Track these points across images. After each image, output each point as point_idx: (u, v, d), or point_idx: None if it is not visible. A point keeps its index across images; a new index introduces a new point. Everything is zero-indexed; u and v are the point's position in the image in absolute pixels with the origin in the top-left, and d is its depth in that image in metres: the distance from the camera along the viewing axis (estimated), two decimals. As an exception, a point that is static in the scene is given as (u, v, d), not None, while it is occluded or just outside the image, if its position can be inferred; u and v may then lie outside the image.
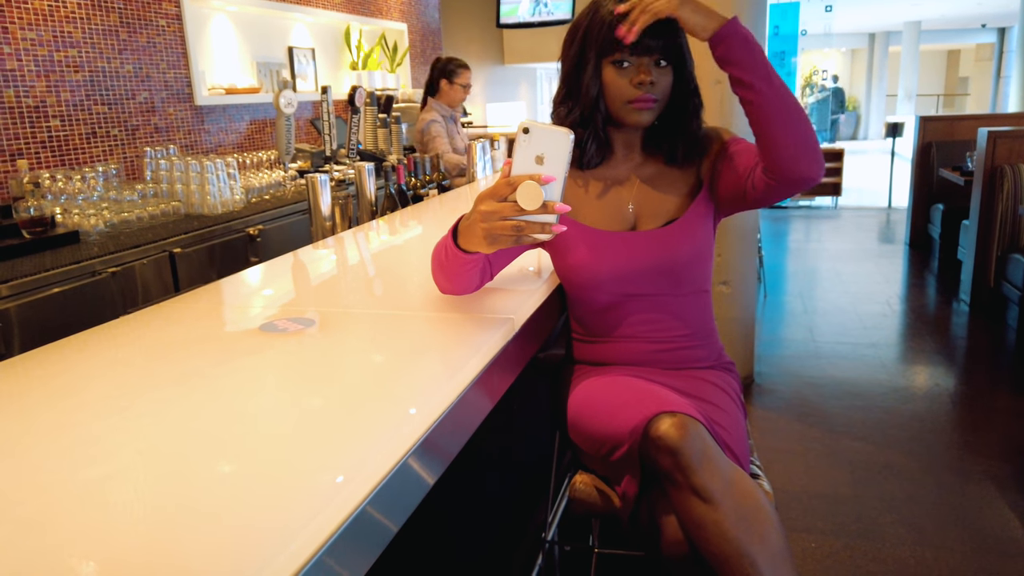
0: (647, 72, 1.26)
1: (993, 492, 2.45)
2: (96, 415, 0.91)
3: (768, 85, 1.19)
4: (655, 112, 1.30)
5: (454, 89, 3.95)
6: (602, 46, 1.27)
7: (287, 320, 1.18)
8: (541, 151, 0.97)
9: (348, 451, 0.79)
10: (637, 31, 1.19)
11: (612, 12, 1.25)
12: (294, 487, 0.72)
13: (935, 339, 3.97)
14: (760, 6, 3.11)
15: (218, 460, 0.78)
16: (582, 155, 1.36)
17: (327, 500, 0.69)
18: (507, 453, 2.01)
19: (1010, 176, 4.05)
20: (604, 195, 1.38)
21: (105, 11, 3.28)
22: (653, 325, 1.35)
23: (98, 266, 2.50)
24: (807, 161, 1.20)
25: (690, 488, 1.04)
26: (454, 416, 0.92)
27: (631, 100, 1.27)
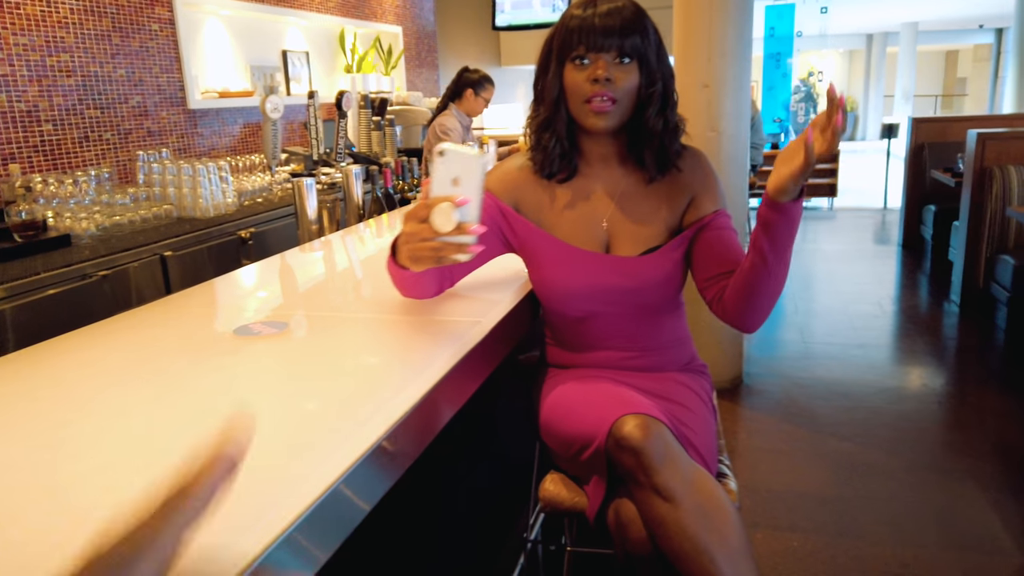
0: (604, 67, 1.24)
1: (975, 491, 2.47)
2: (65, 416, 0.94)
3: (777, 265, 1.20)
4: (615, 116, 1.27)
5: (477, 101, 4.10)
6: (561, 47, 1.28)
7: (261, 324, 1.21)
8: (456, 173, 0.99)
9: (318, 442, 0.81)
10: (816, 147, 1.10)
11: (573, 15, 1.27)
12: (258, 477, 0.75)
13: (924, 339, 3.99)
14: (746, 10, 3.14)
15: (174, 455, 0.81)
16: (548, 160, 1.34)
17: (293, 486, 0.72)
18: (492, 454, 2.03)
19: (999, 178, 4.07)
20: (577, 208, 1.36)
21: (98, 16, 3.31)
22: (624, 336, 1.36)
23: (89, 269, 2.52)
24: (753, 323, 1.29)
25: (652, 487, 1.07)
26: (418, 416, 0.95)
27: (587, 99, 1.26)
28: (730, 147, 3.17)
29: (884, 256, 5.92)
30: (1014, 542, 2.20)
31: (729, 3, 3.07)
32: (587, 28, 1.24)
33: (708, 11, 3.07)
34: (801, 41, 11.56)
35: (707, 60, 3.09)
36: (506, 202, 1.37)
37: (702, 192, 1.36)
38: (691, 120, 1.39)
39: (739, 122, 3.19)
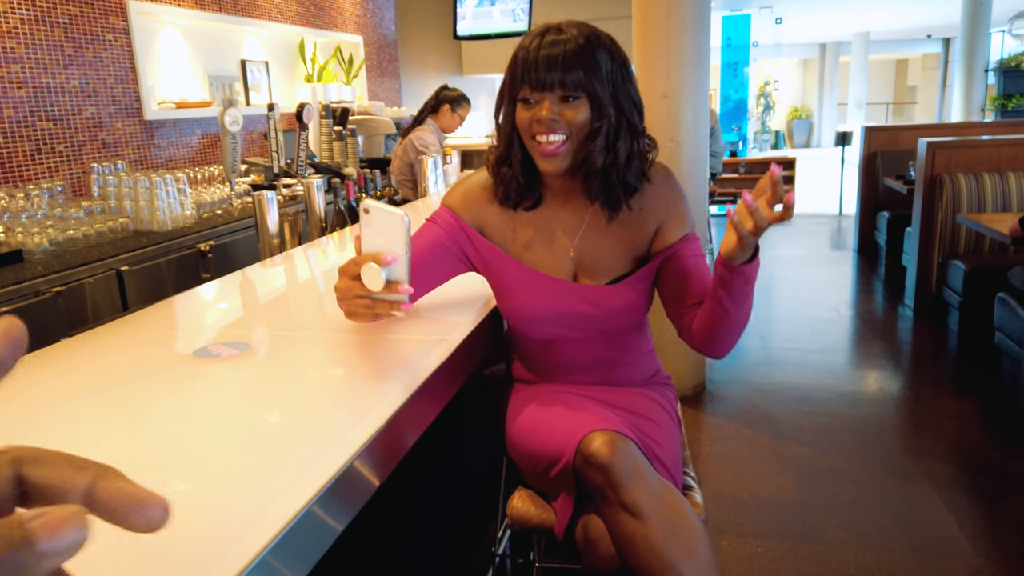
0: (547, 109, 1.18)
1: (931, 493, 2.54)
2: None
3: (737, 312, 1.24)
4: (567, 157, 1.22)
5: (453, 118, 4.19)
6: (510, 84, 1.24)
7: (221, 345, 1.19)
8: (382, 231, 0.98)
9: (281, 467, 0.80)
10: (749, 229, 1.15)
11: (521, 47, 1.22)
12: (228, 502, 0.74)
13: (880, 344, 4.08)
14: (704, 21, 3.19)
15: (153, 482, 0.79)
16: (508, 193, 1.31)
17: (263, 510, 0.72)
18: (459, 468, 2.03)
19: (949, 185, 4.19)
20: (543, 237, 1.33)
21: (49, 26, 3.23)
22: (589, 355, 1.36)
23: (42, 286, 2.46)
24: (720, 353, 1.32)
25: (620, 504, 1.07)
26: (386, 436, 0.94)
27: (534, 137, 1.22)
28: (689, 157, 3.22)
29: (840, 261, 6.05)
30: (970, 543, 2.26)
31: (687, 15, 3.11)
32: (530, 65, 1.19)
33: (666, 23, 3.11)
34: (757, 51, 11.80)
35: (666, 71, 3.14)
36: (470, 223, 1.35)
37: (669, 217, 1.33)
38: (651, 131, 1.36)
39: (698, 132, 3.23)
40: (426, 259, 1.29)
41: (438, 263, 1.31)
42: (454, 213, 1.35)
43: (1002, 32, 10.87)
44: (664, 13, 3.10)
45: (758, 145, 15.03)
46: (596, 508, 1.14)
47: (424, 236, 1.33)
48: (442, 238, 1.32)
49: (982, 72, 9.28)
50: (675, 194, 1.36)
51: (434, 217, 1.35)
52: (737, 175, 8.50)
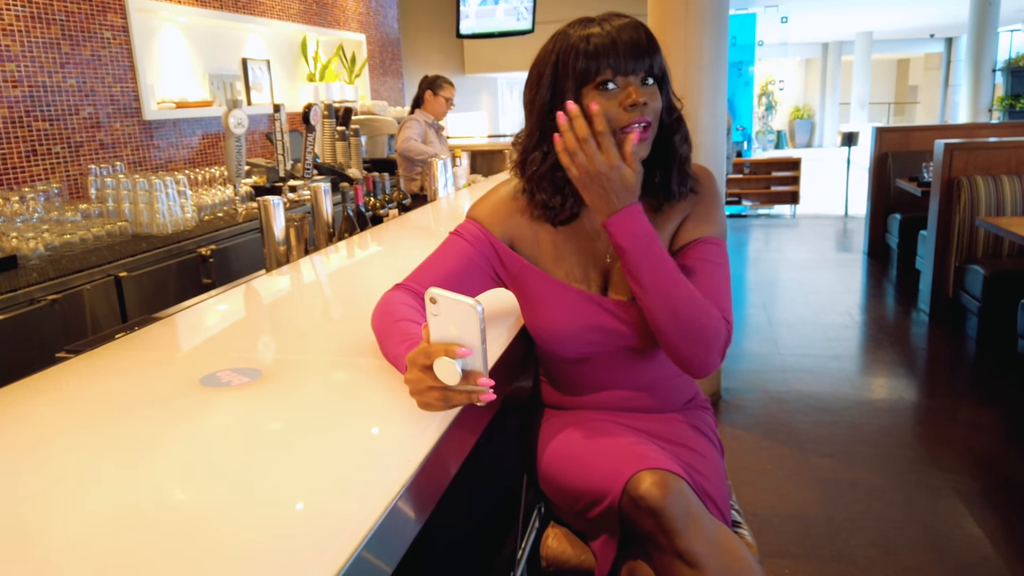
0: (638, 91, 1.09)
1: (961, 509, 2.45)
2: (20, 484, 0.82)
3: (642, 291, 1.12)
4: (650, 143, 1.14)
5: (437, 100, 4.24)
6: (582, 72, 1.11)
7: (230, 372, 1.09)
8: (452, 321, 0.87)
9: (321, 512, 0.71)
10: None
11: (587, 35, 1.11)
12: (258, 561, 0.64)
13: (896, 350, 3.99)
14: (721, 21, 3.09)
15: (150, 535, 0.70)
16: (554, 212, 1.21)
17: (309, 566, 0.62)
18: (473, 489, 1.93)
19: (967, 188, 4.10)
20: (577, 246, 1.24)
21: (46, 23, 3.12)
22: (621, 375, 1.26)
23: (37, 293, 2.36)
24: (698, 364, 1.16)
25: (674, 552, 0.98)
26: (427, 471, 0.85)
27: (624, 127, 1.10)
28: (707, 159, 3.12)
29: (850, 264, 5.96)
30: (1006, 564, 2.17)
31: (705, 15, 3.02)
32: (611, 49, 1.09)
33: (684, 22, 3.02)
34: (761, 50, 11.71)
35: (683, 72, 3.04)
36: (499, 236, 1.24)
37: (696, 213, 1.24)
38: None
39: (716, 133, 3.14)
40: (456, 276, 1.19)
41: (469, 280, 1.21)
42: (482, 227, 1.24)
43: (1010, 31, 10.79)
44: (682, 13, 3.01)
45: (761, 145, 14.95)
46: (642, 551, 1.05)
47: (452, 251, 1.23)
48: (472, 254, 1.21)
49: (990, 72, 9.19)
50: (711, 194, 1.26)
51: (461, 231, 1.25)
52: (742, 175, 8.41)
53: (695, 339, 1.13)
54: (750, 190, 8.40)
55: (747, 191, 8.40)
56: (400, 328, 1.06)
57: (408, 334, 1.04)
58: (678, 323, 1.12)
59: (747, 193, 8.39)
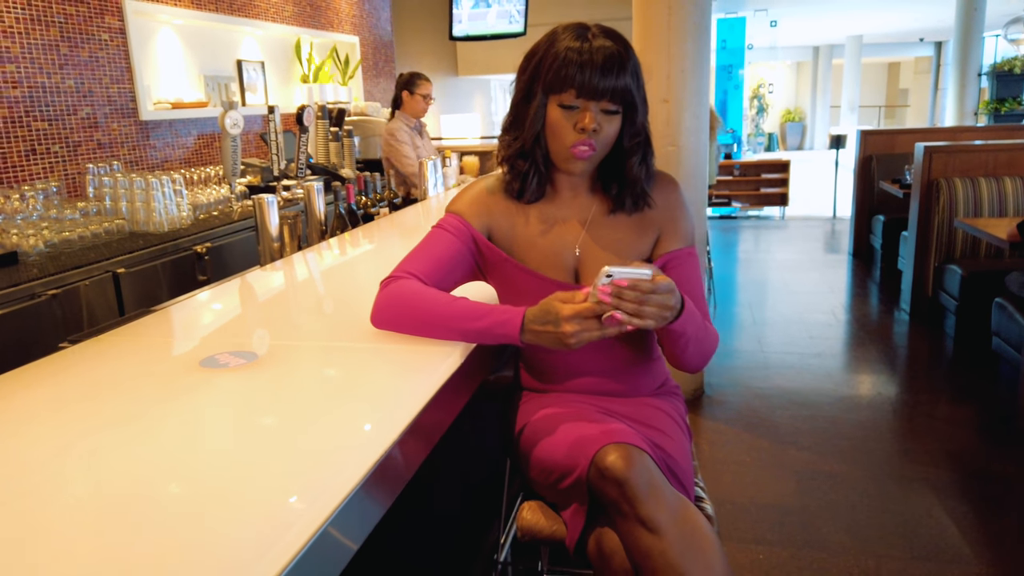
0: (592, 118, 1.21)
1: (932, 499, 2.54)
2: (30, 458, 0.89)
3: (683, 353, 1.28)
4: (592, 162, 1.27)
5: (415, 99, 4.16)
6: (551, 83, 1.22)
7: (228, 354, 1.17)
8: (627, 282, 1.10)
9: (294, 487, 0.79)
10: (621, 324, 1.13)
11: (568, 48, 1.21)
12: (238, 523, 0.72)
13: (877, 348, 4.09)
14: (705, 25, 3.18)
15: (157, 502, 0.78)
16: (524, 188, 1.33)
17: (285, 527, 0.71)
18: (459, 475, 2.01)
19: (946, 190, 4.20)
20: (547, 235, 1.34)
21: (45, 25, 3.19)
22: (597, 358, 1.35)
23: (38, 288, 2.43)
24: (695, 369, 1.34)
25: (636, 518, 1.06)
26: (397, 453, 0.93)
27: (570, 144, 1.24)
28: (690, 161, 3.21)
29: (835, 265, 6.07)
30: (972, 550, 2.26)
31: (687, 19, 3.11)
32: (581, 73, 1.19)
33: (667, 27, 3.10)
34: (751, 53, 11.83)
35: (667, 76, 3.13)
36: (478, 228, 1.34)
37: (670, 228, 1.36)
38: (652, 135, 1.37)
39: (699, 136, 3.23)
40: (444, 266, 1.29)
41: (455, 270, 1.32)
42: (463, 219, 1.34)
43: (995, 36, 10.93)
44: (664, 18, 3.09)
45: (752, 147, 15.08)
46: (609, 521, 1.13)
47: (438, 243, 1.32)
48: (457, 245, 1.31)
49: (975, 76, 9.32)
50: (678, 206, 1.38)
51: (444, 224, 1.34)
52: (732, 177, 8.51)
53: (705, 358, 1.33)
54: (740, 192, 8.51)
55: (737, 193, 8.50)
56: (465, 303, 1.22)
57: (486, 305, 1.21)
58: (700, 355, 1.30)
59: (737, 195, 8.50)
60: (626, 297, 1.09)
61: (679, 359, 1.31)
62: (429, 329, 1.23)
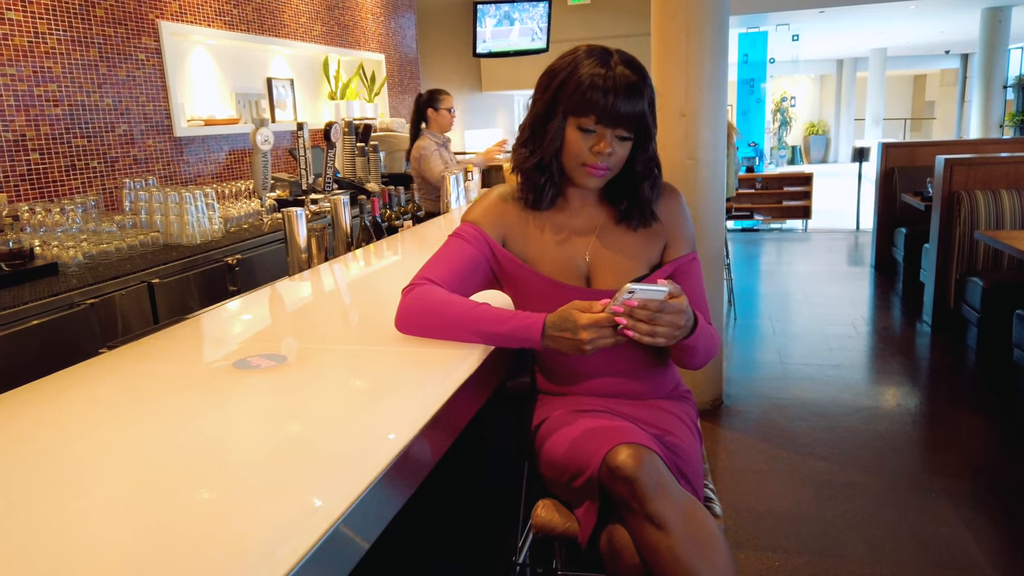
0: (607, 143, 1.29)
1: (949, 510, 2.55)
2: (75, 451, 0.97)
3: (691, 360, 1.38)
4: (604, 180, 1.35)
5: (440, 115, 4.24)
6: (574, 106, 1.29)
7: (260, 357, 1.25)
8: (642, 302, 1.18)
9: (320, 478, 0.85)
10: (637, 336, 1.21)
11: (593, 74, 1.27)
12: (267, 512, 0.78)
13: (898, 360, 4.09)
14: (722, 40, 3.24)
15: (195, 490, 0.84)
16: (539, 199, 1.40)
17: (302, 520, 0.76)
18: (481, 478, 2.07)
19: (967, 202, 4.21)
20: (559, 243, 1.41)
21: (85, 47, 3.34)
22: (610, 362, 1.41)
23: (77, 298, 2.53)
24: (699, 368, 1.42)
25: (645, 515, 1.12)
26: (420, 443, 0.99)
27: (585, 163, 1.32)
28: (707, 174, 3.26)
29: (858, 277, 6.05)
30: (987, 559, 2.27)
31: (706, 34, 3.17)
32: (604, 100, 1.26)
33: (685, 43, 3.17)
34: (774, 67, 11.84)
35: (684, 90, 3.19)
36: (494, 236, 1.41)
37: (675, 236, 1.44)
38: (669, 148, 1.45)
39: (716, 150, 3.28)
40: (462, 273, 1.36)
41: (473, 276, 1.39)
42: (479, 228, 1.41)
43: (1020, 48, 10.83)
44: (683, 34, 3.16)
45: (775, 161, 15.03)
46: (620, 518, 1.18)
47: (455, 251, 1.39)
48: (473, 253, 1.38)
49: (1001, 88, 9.26)
50: (682, 215, 1.46)
51: (461, 233, 1.41)
52: (754, 190, 8.52)
53: (708, 360, 1.41)
54: (762, 204, 8.51)
55: (759, 206, 8.51)
56: (487, 309, 1.30)
57: (507, 311, 1.29)
58: (705, 358, 1.39)
59: (759, 207, 8.50)
60: (639, 316, 1.18)
61: (684, 363, 1.40)
62: (453, 332, 1.30)
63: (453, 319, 1.29)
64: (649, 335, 1.20)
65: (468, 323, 1.28)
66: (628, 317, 1.19)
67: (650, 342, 1.21)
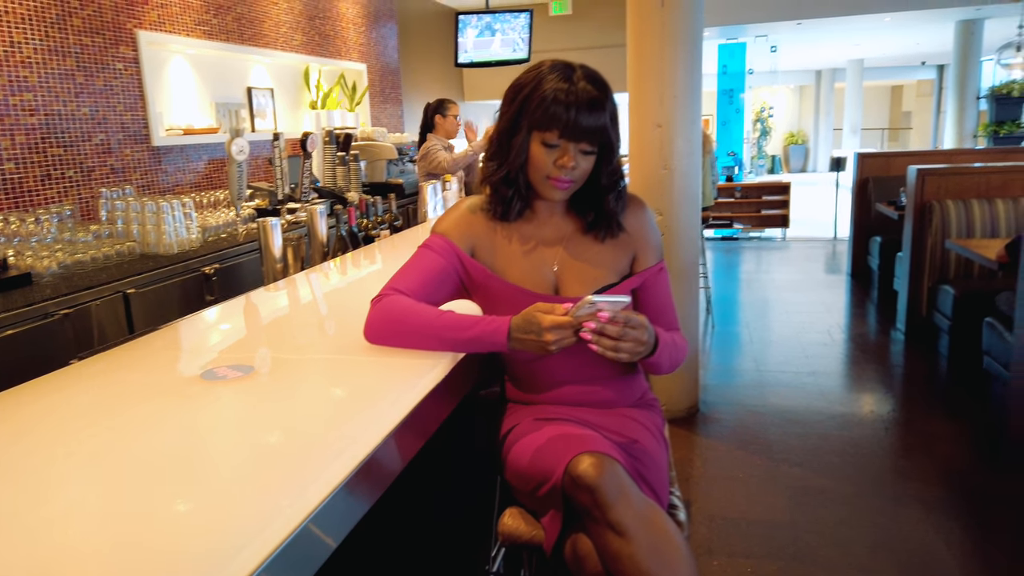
0: (571, 158, 1.32)
1: (920, 515, 2.58)
2: (44, 459, 0.97)
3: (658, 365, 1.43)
4: (569, 192, 1.38)
5: (447, 121, 4.62)
6: (537, 121, 1.32)
7: (227, 367, 1.26)
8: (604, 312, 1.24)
9: (285, 483, 0.87)
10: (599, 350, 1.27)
11: (555, 89, 1.30)
12: (234, 516, 0.80)
13: (872, 367, 4.14)
14: (696, 52, 3.28)
15: (161, 497, 0.86)
16: (507, 211, 1.42)
17: (268, 521, 0.78)
18: (454, 488, 2.08)
19: (938, 211, 4.28)
20: (527, 252, 1.44)
21: (62, 56, 3.33)
22: (578, 372, 1.44)
23: (51, 308, 2.52)
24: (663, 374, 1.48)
25: (606, 523, 1.14)
26: (387, 448, 1.01)
27: (550, 176, 1.35)
28: (682, 183, 3.30)
29: (834, 285, 6.13)
30: (956, 563, 2.31)
31: (680, 46, 3.21)
32: (566, 115, 1.29)
33: (660, 54, 3.21)
34: (753, 77, 11.97)
35: (659, 101, 3.23)
36: (463, 247, 1.43)
37: (643, 247, 1.48)
38: (645, 158, 1.46)
39: (691, 160, 3.32)
40: (431, 283, 1.38)
41: (442, 287, 1.41)
42: (447, 239, 1.43)
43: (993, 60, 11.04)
44: (658, 45, 3.20)
45: (755, 170, 15.19)
46: (583, 526, 1.20)
47: (425, 262, 1.41)
48: (442, 263, 1.40)
49: (974, 99, 9.43)
50: (649, 227, 1.49)
51: (430, 244, 1.43)
52: (734, 199, 8.60)
53: (675, 367, 1.46)
54: (742, 213, 8.59)
55: (738, 214, 8.59)
56: (453, 315, 1.33)
57: (472, 316, 1.33)
58: (671, 366, 1.44)
59: (739, 216, 8.58)
60: (608, 332, 1.23)
61: (651, 372, 1.45)
62: (421, 341, 1.32)
63: (420, 327, 1.31)
64: (613, 350, 1.24)
65: (435, 330, 1.30)
66: (596, 333, 1.23)
67: (613, 357, 1.25)
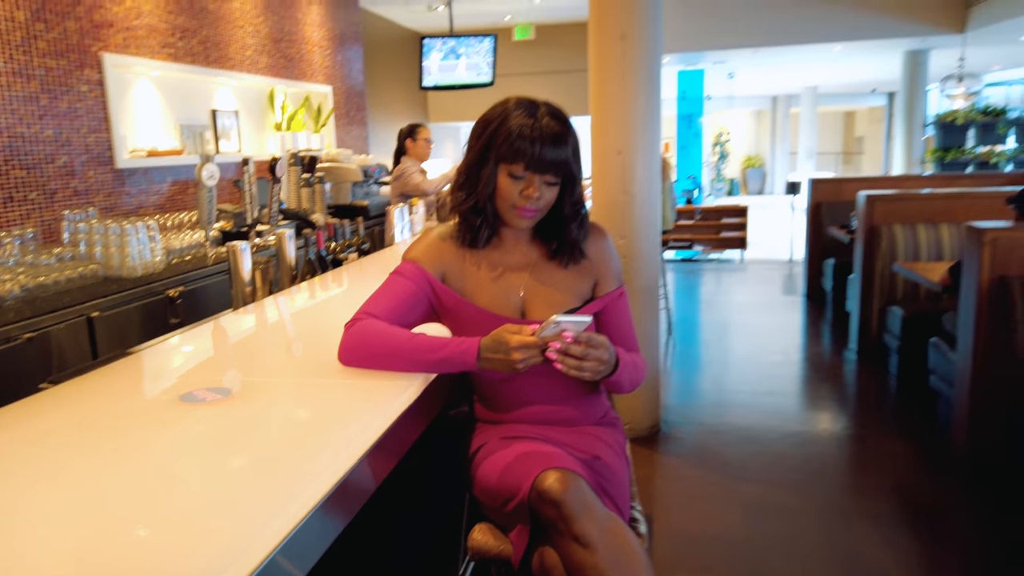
0: (536, 188, 1.40)
1: (871, 530, 2.69)
2: (19, 488, 0.99)
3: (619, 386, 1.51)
4: (534, 220, 1.46)
5: (419, 144, 4.78)
6: (504, 154, 1.40)
7: (205, 390, 1.29)
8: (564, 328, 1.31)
9: (259, 509, 0.91)
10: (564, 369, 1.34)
11: (519, 124, 1.39)
12: (206, 544, 0.84)
13: (826, 386, 4.29)
14: (655, 80, 3.41)
15: (139, 523, 0.88)
16: (475, 238, 1.49)
17: (239, 551, 0.80)
18: (424, 504, 2.12)
19: (886, 235, 4.46)
20: (495, 278, 1.51)
21: (26, 78, 3.32)
22: (544, 392, 1.50)
23: (14, 332, 2.51)
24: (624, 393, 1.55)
25: (571, 535, 1.20)
26: (360, 471, 1.05)
27: (516, 206, 1.43)
28: (642, 209, 3.41)
29: (790, 307, 6.31)
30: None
31: (639, 76, 3.33)
32: (531, 149, 1.38)
33: (620, 84, 3.33)
34: (711, 103, 12.30)
35: (620, 128, 3.34)
36: (433, 273, 1.50)
37: (604, 273, 1.56)
38: (606, 184, 1.54)
39: (651, 185, 3.43)
40: (403, 308, 1.44)
41: (412, 311, 1.47)
42: (419, 265, 1.49)
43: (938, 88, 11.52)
44: (619, 75, 3.32)
45: (714, 193, 15.53)
46: (550, 540, 1.26)
47: (396, 287, 1.47)
48: (413, 289, 1.46)
49: (921, 126, 9.81)
50: (610, 254, 1.58)
51: (401, 271, 1.49)
52: (693, 221, 8.80)
53: (635, 386, 1.54)
54: (701, 235, 8.79)
55: (698, 236, 8.79)
56: (424, 338, 1.39)
57: (442, 338, 1.39)
58: (631, 385, 1.52)
59: (698, 238, 8.78)
60: (572, 352, 1.31)
61: (612, 391, 1.54)
62: (393, 363, 1.37)
63: (393, 350, 1.36)
64: (576, 369, 1.31)
65: (407, 352, 1.36)
66: (560, 352, 1.30)
67: (576, 375, 1.31)
